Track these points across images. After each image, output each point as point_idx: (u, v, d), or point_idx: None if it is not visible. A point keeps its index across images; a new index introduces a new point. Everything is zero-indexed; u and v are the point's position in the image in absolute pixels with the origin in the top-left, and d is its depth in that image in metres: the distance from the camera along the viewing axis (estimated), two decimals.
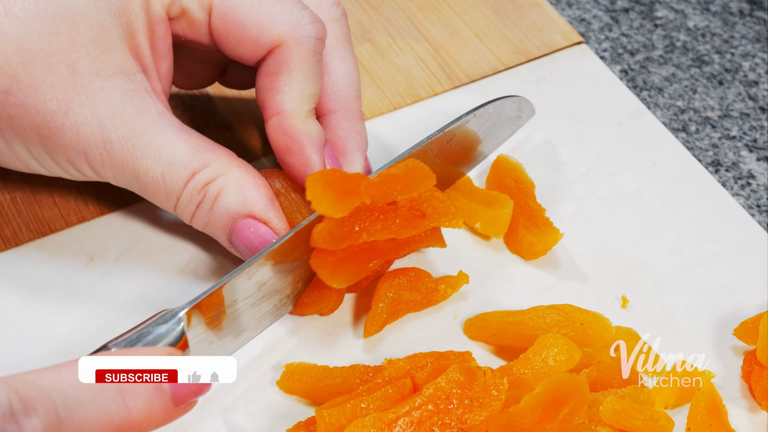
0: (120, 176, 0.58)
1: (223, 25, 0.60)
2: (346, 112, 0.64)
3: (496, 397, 0.54)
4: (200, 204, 0.59)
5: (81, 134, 0.56)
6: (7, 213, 0.66)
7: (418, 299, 0.62)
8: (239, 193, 0.59)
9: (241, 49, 0.60)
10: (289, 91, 0.60)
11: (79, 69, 0.56)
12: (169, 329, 0.53)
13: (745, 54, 0.84)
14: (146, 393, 0.47)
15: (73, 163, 0.58)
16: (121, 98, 0.57)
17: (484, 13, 0.83)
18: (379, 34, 0.80)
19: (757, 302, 0.65)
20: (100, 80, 0.56)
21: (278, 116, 0.60)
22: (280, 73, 0.60)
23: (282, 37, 0.59)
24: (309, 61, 0.60)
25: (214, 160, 0.59)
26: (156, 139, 0.57)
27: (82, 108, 0.56)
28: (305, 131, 0.60)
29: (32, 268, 0.63)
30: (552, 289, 0.65)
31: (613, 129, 0.75)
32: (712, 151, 0.76)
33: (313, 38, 0.60)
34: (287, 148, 0.61)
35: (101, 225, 0.66)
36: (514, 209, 0.67)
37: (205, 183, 0.58)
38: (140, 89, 0.57)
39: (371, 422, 0.52)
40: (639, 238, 0.69)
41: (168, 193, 0.58)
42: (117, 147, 0.57)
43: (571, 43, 0.81)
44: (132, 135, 0.57)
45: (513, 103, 0.69)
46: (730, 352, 0.63)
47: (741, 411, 0.60)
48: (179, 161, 0.58)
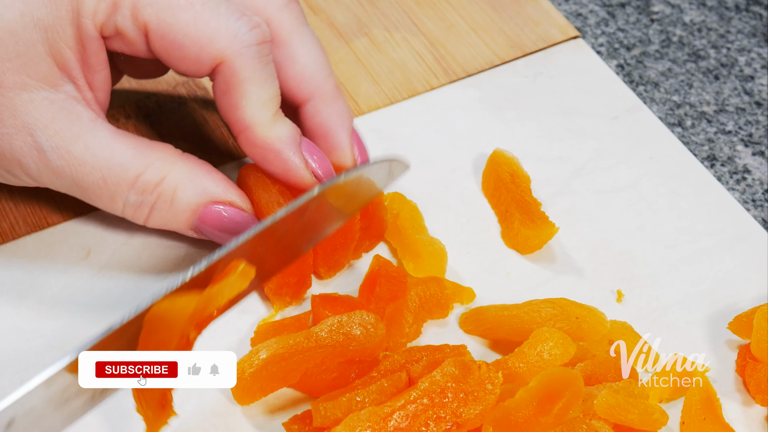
0: (59, 183, 0.58)
1: (161, 46, 0.58)
2: (321, 96, 0.63)
3: (491, 390, 0.54)
4: (154, 205, 0.59)
5: (13, 145, 0.56)
6: (4, 206, 0.66)
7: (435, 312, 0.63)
8: (195, 185, 0.59)
9: (183, 67, 0.59)
10: (246, 105, 0.59)
11: (5, 83, 0.55)
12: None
13: (741, 49, 0.84)
14: None
15: (10, 172, 0.58)
16: (50, 108, 0.56)
17: (481, 7, 0.83)
18: (375, 28, 0.80)
19: (752, 296, 0.66)
20: (26, 93, 0.56)
21: (245, 132, 0.60)
22: (232, 90, 0.59)
23: (222, 54, 0.58)
24: (257, 69, 0.59)
25: (155, 158, 0.58)
26: (92, 144, 0.57)
27: (12, 120, 0.56)
28: (275, 137, 0.60)
29: (29, 262, 0.64)
30: (547, 283, 0.66)
31: (609, 123, 0.76)
32: (707, 145, 0.77)
33: (254, 46, 0.58)
34: (264, 158, 0.60)
35: (98, 219, 0.66)
36: (509, 203, 0.67)
37: (155, 183, 0.58)
38: (69, 98, 0.57)
39: (367, 416, 0.52)
40: (634, 232, 0.69)
41: (112, 197, 0.58)
42: (51, 156, 0.56)
43: (567, 37, 0.81)
44: (65, 143, 0.56)
45: (381, 168, 0.63)
46: (724, 345, 0.63)
47: (735, 405, 0.60)
48: (119, 164, 0.57)
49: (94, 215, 0.66)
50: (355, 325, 0.57)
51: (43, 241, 0.65)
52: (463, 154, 0.72)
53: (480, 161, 0.71)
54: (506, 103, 0.76)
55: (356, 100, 0.75)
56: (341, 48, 0.78)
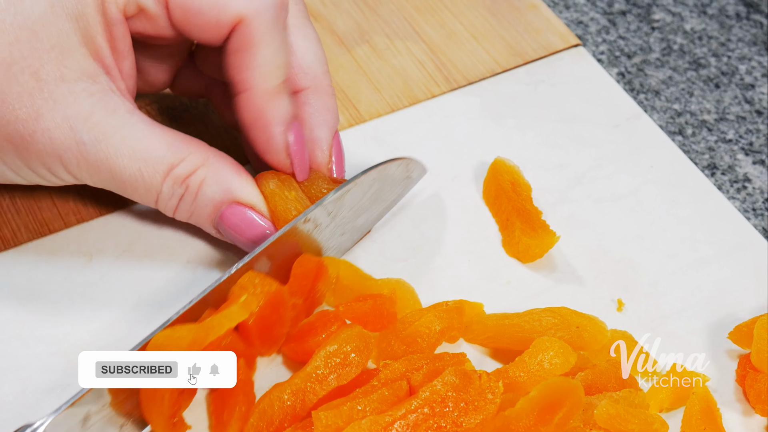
0: (97, 177, 0.58)
1: (182, 14, 0.59)
2: (315, 88, 0.64)
3: (492, 400, 0.54)
4: (183, 197, 0.60)
5: (54, 139, 0.56)
6: (6, 213, 0.66)
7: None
8: (221, 182, 0.60)
9: (204, 34, 0.60)
10: (256, 67, 0.60)
11: (43, 75, 0.56)
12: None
13: (741, 57, 0.84)
14: None
15: (49, 169, 0.58)
16: (89, 100, 0.57)
17: (482, 14, 0.83)
18: (376, 36, 0.80)
19: (752, 305, 0.66)
20: (65, 85, 0.56)
21: (246, 93, 0.60)
22: (245, 50, 0.59)
23: (241, 13, 0.59)
24: (272, 32, 0.60)
25: (189, 152, 0.59)
26: (129, 137, 0.57)
27: (52, 113, 0.56)
28: (274, 107, 0.60)
29: (31, 269, 0.64)
30: (548, 291, 0.66)
31: (610, 131, 0.76)
32: (708, 154, 0.77)
33: (272, 7, 0.59)
34: (254, 123, 0.61)
35: (100, 225, 0.66)
36: (510, 212, 0.67)
37: (186, 176, 0.59)
38: (106, 90, 0.58)
39: (368, 425, 0.52)
40: (635, 241, 0.69)
41: (147, 189, 0.59)
42: (91, 148, 0.57)
43: (568, 45, 0.81)
44: (105, 135, 0.57)
45: (399, 166, 0.65)
46: (724, 355, 0.63)
47: (735, 414, 0.61)
48: (155, 156, 0.58)
49: (96, 222, 0.66)
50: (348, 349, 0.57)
51: (44, 247, 0.65)
52: (463, 162, 0.72)
53: (481, 169, 0.72)
54: (507, 111, 0.76)
55: (357, 108, 0.75)
56: (342, 55, 0.78)
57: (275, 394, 0.56)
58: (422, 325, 0.60)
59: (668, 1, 0.89)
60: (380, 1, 0.83)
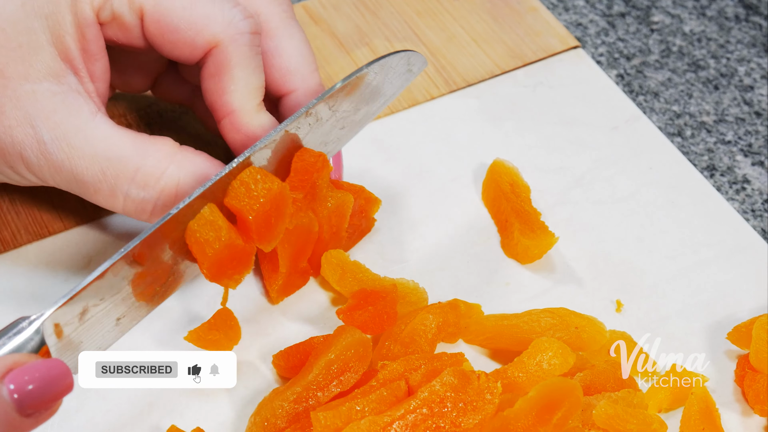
0: (59, 177, 0.58)
1: (157, 29, 0.59)
2: (305, 90, 0.64)
3: (490, 400, 0.54)
4: (158, 200, 0.58)
5: (15, 137, 0.56)
6: (6, 215, 0.66)
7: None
8: (197, 176, 0.59)
9: (177, 51, 0.60)
10: (235, 90, 0.60)
11: (7, 73, 0.56)
12: (27, 340, 0.49)
13: (740, 59, 0.85)
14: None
15: (12, 167, 0.58)
16: (52, 100, 0.56)
17: (481, 17, 0.83)
18: (376, 38, 0.81)
19: (751, 306, 0.66)
20: (29, 83, 0.56)
21: (229, 116, 0.60)
22: (222, 74, 0.60)
23: (216, 38, 0.59)
24: (248, 57, 0.60)
25: (154, 150, 0.58)
26: (91, 137, 0.57)
27: (14, 111, 0.56)
28: (258, 125, 0.61)
29: (31, 271, 0.64)
30: (547, 292, 0.66)
31: (609, 133, 0.76)
32: (707, 155, 0.77)
33: (247, 34, 0.60)
34: (244, 144, 0.61)
35: (99, 228, 0.66)
36: (509, 213, 0.67)
37: (156, 177, 0.58)
38: (71, 91, 0.57)
39: (367, 425, 0.52)
40: (634, 243, 0.69)
41: (111, 191, 0.58)
42: (51, 148, 0.56)
43: (567, 47, 0.81)
44: (65, 135, 0.56)
45: (401, 59, 0.64)
46: (723, 356, 0.63)
47: (734, 415, 0.61)
48: (118, 156, 0.57)
49: (95, 224, 0.66)
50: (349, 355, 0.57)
51: (44, 249, 0.65)
52: (463, 164, 0.72)
53: (480, 171, 0.72)
54: (506, 113, 0.76)
55: None
56: (342, 58, 0.79)
57: (277, 402, 0.56)
58: (418, 323, 0.60)
59: (667, 3, 0.89)
60: (380, 5, 0.83)
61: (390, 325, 0.61)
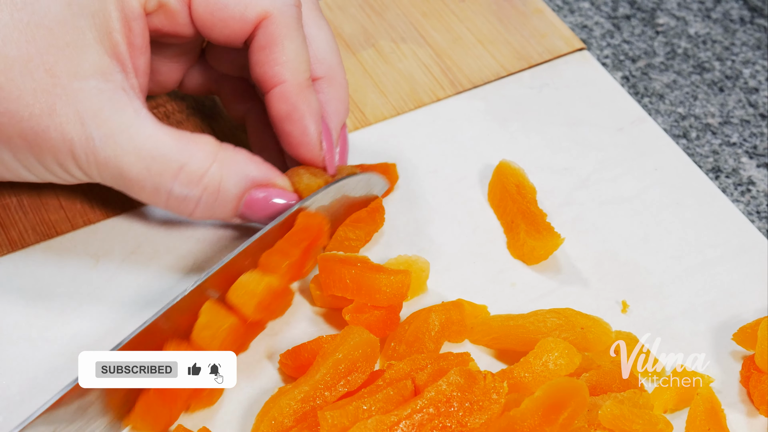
0: (106, 174, 0.59)
1: (206, 10, 0.60)
2: (330, 78, 0.65)
3: (496, 400, 0.54)
4: (201, 198, 0.60)
5: (66, 133, 0.57)
6: (14, 215, 0.66)
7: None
8: (239, 173, 0.60)
9: (227, 30, 0.61)
10: (287, 61, 0.61)
11: (57, 72, 0.56)
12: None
13: (745, 61, 0.85)
14: None
15: (61, 165, 0.59)
16: (98, 98, 0.57)
17: (487, 19, 0.83)
18: (382, 40, 0.81)
19: (756, 307, 0.66)
20: (78, 81, 0.57)
21: (281, 86, 0.61)
22: (274, 45, 0.61)
23: (266, 10, 0.60)
24: (297, 29, 0.61)
25: (197, 149, 0.59)
26: (136, 135, 0.58)
27: (65, 108, 0.57)
28: (306, 100, 0.62)
29: (38, 270, 0.64)
30: (553, 293, 0.66)
31: (615, 135, 0.76)
32: (712, 157, 0.77)
33: (293, 6, 0.61)
34: (288, 116, 0.62)
35: (107, 228, 0.67)
36: (515, 214, 0.67)
37: (200, 175, 0.59)
38: (117, 88, 0.58)
39: (374, 425, 0.53)
40: (639, 243, 0.69)
41: (155, 188, 0.59)
42: (99, 144, 0.57)
43: (573, 49, 0.81)
44: (112, 132, 0.57)
45: (359, 182, 0.66)
46: (729, 356, 0.63)
47: (739, 416, 0.61)
48: (163, 155, 0.58)
49: (103, 225, 0.67)
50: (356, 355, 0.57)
51: (51, 249, 0.65)
52: (469, 165, 0.73)
53: (486, 172, 0.72)
54: (512, 115, 0.77)
55: (363, 111, 0.75)
56: (348, 59, 0.79)
57: (284, 401, 0.56)
58: (422, 322, 0.60)
59: (672, 6, 0.89)
60: (386, 6, 0.83)
61: (393, 329, 0.61)
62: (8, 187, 0.67)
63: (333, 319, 0.64)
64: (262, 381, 0.60)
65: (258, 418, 0.57)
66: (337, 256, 0.61)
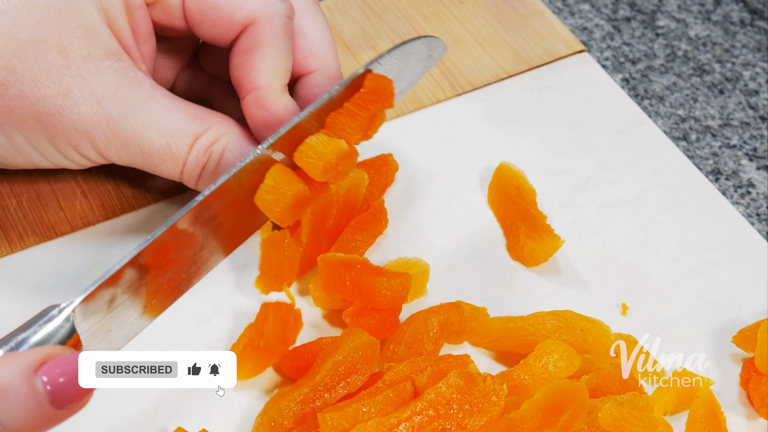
0: (124, 152, 0.60)
1: (197, 6, 0.61)
2: (325, 71, 0.65)
3: (496, 402, 0.54)
4: (205, 165, 0.61)
5: (83, 114, 0.57)
6: (13, 217, 0.66)
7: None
8: (242, 147, 0.61)
9: (215, 29, 0.62)
10: (264, 68, 0.61)
11: (70, 53, 0.57)
12: (58, 327, 0.50)
13: (745, 63, 0.85)
14: (19, 402, 0.43)
15: (76, 147, 0.59)
16: (115, 77, 0.58)
17: (487, 21, 0.83)
18: (382, 42, 0.81)
19: (756, 310, 0.66)
20: (92, 62, 0.58)
21: (255, 92, 0.61)
22: (254, 50, 0.61)
23: (254, 15, 0.61)
24: (281, 38, 0.62)
25: (213, 123, 0.60)
26: (155, 111, 0.59)
27: (81, 90, 0.57)
28: (282, 105, 0.62)
29: (37, 272, 0.64)
30: (553, 295, 0.66)
31: (614, 137, 0.76)
32: (712, 159, 0.77)
33: (283, 15, 0.62)
34: (264, 122, 0.62)
35: (106, 229, 0.66)
36: (515, 216, 0.67)
37: (209, 145, 0.60)
38: (131, 67, 0.59)
39: (373, 426, 0.53)
40: (639, 246, 0.69)
41: (175, 161, 0.60)
42: (119, 123, 0.58)
43: (572, 51, 0.81)
44: (132, 110, 0.58)
45: (421, 45, 0.67)
46: (728, 359, 0.63)
47: (739, 418, 0.61)
48: (181, 128, 0.59)
49: (102, 226, 0.67)
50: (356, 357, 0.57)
51: (51, 251, 0.65)
52: (468, 167, 0.73)
53: (486, 174, 0.72)
54: (512, 117, 0.77)
55: None
56: (348, 61, 0.79)
57: (283, 403, 0.56)
58: (421, 323, 0.60)
59: (673, 8, 0.89)
60: (386, 8, 0.83)
61: (392, 331, 0.61)
62: (8, 188, 0.67)
63: (333, 320, 0.64)
64: (261, 382, 0.60)
65: (257, 419, 0.57)
66: (338, 257, 0.61)
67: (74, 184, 0.68)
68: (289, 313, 0.59)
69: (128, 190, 0.68)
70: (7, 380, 0.43)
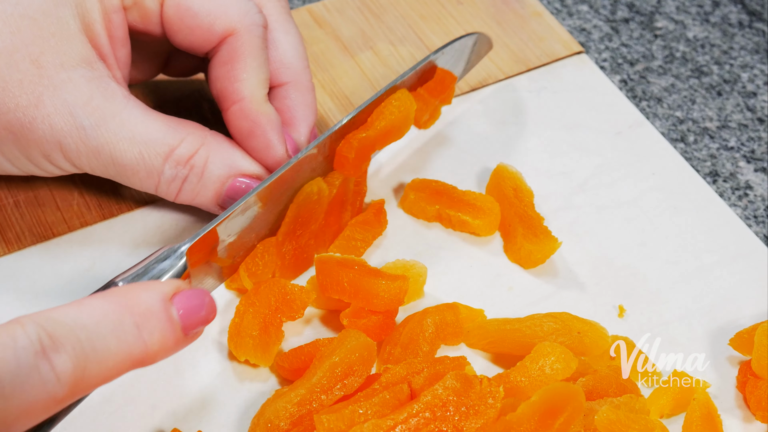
0: (96, 163, 0.59)
1: (176, 14, 0.61)
2: (296, 83, 0.66)
3: (492, 404, 0.54)
4: (187, 178, 0.61)
5: (54, 125, 0.57)
6: (10, 217, 0.66)
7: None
8: (225, 159, 0.61)
9: (192, 37, 0.62)
10: (248, 78, 0.62)
11: (43, 63, 0.57)
12: (172, 264, 0.55)
13: (743, 65, 0.85)
14: (159, 325, 0.48)
15: (47, 157, 0.59)
16: (88, 86, 0.58)
17: (486, 22, 0.83)
18: (380, 42, 0.81)
19: (753, 312, 0.66)
20: (65, 71, 0.57)
21: (240, 103, 0.62)
22: (236, 61, 0.62)
23: (233, 26, 0.61)
24: (260, 48, 0.62)
25: (187, 133, 0.60)
26: (128, 121, 0.58)
27: (52, 99, 0.57)
28: (265, 114, 0.62)
29: (34, 272, 0.64)
30: (550, 297, 0.66)
31: (612, 139, 0.76)
32: (710, 161, 0.77)
33: (260, 26, 0.62)
34: (250, 132, 0.62)
35: (103, 230, 0.66)
36: (512, 218, 0.67)
37: (188, 157, 0.60)
38: (104, 76, 0.59)
39: (370, 429, 0.53)
40: (636, 248, 0.69)
41: (149, 172, 0.60)
42: (91, 133, 0.58)
43: (571, 52, 0.81)
44: (104, 120, 0.58)
45: (470, 40, 0.72)
46: (725, 362, 0.63)
47: (736, 421, 0.61)
48: (154, 139, 0.59)
49: (99, 227, 0.66)
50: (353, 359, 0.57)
51: (48, 251, 0.65)
52: (466, 168, 0.73)
53: (484, 175, 0.72)
54: (510, 118, 0.76)
55: None
56: (346, 61, 0.79)
57: (280, 404, 0.56)
58: (416, 324, 0.60)
59: (671, 9, 0.89)
60: (384, 9, 0.83)
61: (389, 333, 0.61)
62: (5, 188, 0.67)
63: (330, 321, 0.64)
64: (258, 383, 0.60)
65: (254, 420, 0.57)
66: (335, 258, 0.61)
67: (72, 185, 0.68)
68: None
69: (126, 190, 0.68)
70: (150, 305, 0.48)
